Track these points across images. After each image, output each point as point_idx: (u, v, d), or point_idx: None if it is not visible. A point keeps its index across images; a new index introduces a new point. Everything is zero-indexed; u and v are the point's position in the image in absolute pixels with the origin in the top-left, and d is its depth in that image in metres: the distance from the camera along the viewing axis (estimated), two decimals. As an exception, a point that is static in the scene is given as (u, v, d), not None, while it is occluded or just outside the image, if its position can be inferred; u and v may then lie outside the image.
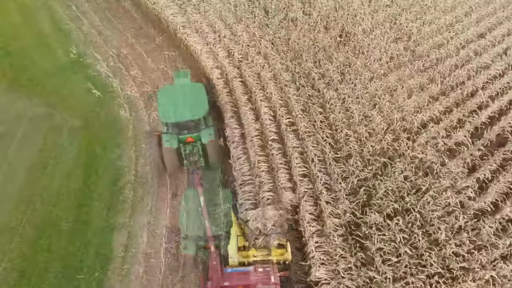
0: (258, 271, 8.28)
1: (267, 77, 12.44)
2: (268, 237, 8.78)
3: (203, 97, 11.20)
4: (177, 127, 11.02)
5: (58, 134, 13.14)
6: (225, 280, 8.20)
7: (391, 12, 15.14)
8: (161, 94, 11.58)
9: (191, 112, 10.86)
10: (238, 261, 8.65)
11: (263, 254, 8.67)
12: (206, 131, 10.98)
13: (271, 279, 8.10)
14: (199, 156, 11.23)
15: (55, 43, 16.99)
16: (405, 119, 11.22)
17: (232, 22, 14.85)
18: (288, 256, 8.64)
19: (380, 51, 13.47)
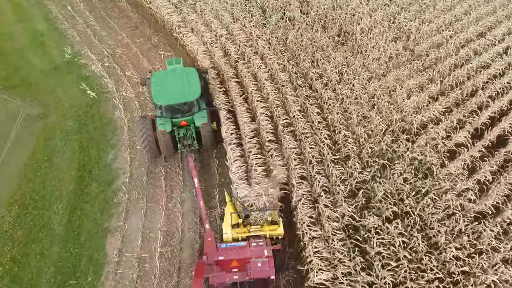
0: (252, 245, 8.48)
1: (264, 78, 12.25)
2: (261, 213, 8.96)
3: (196, 81, 11.25)
4: (171, 111, 11.08)
5: (51, 136, 12.93)
6: (220, 255, 8.41)
7: (389, 11, 14.96)
8: (154, 78, 11.55)
9: (185, 95, 10.93)
10: (232, 237, 8.83)
11: (256, 230, 8.83)
12: (199, 114, 11.10)
13: (265, 252, 8.31)
14: (193, 139, 11.39)
15: (50, 42, 16.76)
16: (404, 120, 11.05)
17: (229, 21, 14.64)
18: (280, 231, 8.81)
19: (378, 50, 13.29)
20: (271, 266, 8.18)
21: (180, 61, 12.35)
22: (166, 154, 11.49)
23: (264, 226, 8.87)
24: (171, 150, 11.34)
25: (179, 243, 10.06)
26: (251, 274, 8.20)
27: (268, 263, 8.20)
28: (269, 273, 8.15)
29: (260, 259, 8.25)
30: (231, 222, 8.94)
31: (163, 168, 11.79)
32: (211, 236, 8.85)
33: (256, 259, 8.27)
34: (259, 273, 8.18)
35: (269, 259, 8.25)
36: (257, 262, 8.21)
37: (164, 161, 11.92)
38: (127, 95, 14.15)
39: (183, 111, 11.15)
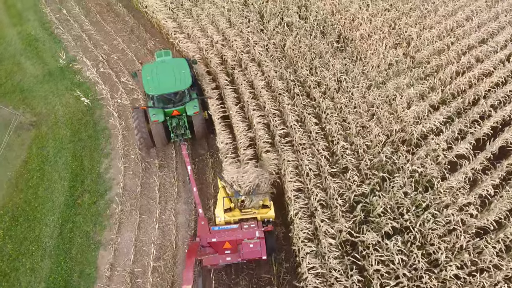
0: (244, 227, 8.79)
1: (261, 85, 12.03)
2: (252, 197, 9.18)
3: (186, 71, 11.44)
4: (162, 101, 11.27)
5: (44, 144, 12.74)
6: (213, 237, 8.69)
7: (390, 17, 14.73)
8: (145, 70, 11.64)
9: (176, 85, 11.10)
10: (225, 220, 9.12)
11: (248, 213, 9.11)
12: (190, 104, 11.33)
13: (256, 234, 8.62)
14: (185, 129, 11.66)
15: (44, 47, 16.58)
16: (404, 130, 10.84)
17: (225, 27, 14.43)
18: (271, 214, 9.12)
19: (378, 57, 13.08)
20: (262, 246, 8.47)
21: (169, 53, 12.47)
22: (160, 144, 11.65)
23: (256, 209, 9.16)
24: (165, 140, 11.52)
25: (173, 257, 9.87)
26: (243, 255, 8.50)
27: (260, 244, 8.49)
28: (261, 253, 8.46)
29: (252, 240, 8.53)
30: (224, 207, 9.21)
31: (157, 178, 11.60)
32: (204, 220, 9.11)
33: (248, 240, 8.54)
34: (251, 253, 8.49)
35: (261, 240, 8.53)
36: (249, 243, 8.50)
37: (159, 171, 11.74)
38: (122, 102, 13.96)
39: (175, 101, 11.35)
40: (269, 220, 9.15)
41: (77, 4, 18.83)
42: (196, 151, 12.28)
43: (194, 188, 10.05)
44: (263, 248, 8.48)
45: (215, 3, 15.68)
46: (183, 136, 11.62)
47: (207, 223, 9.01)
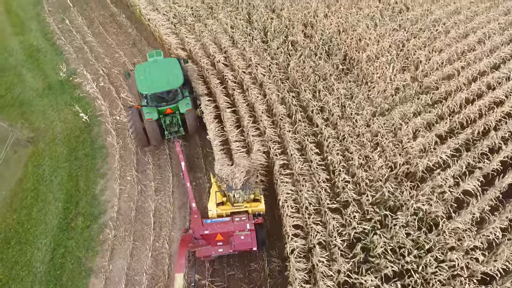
0: (235, 220, 9.28)
1: (261, 110, 11.82)
2: (244, 192, 9.54)
3: (178, 70, 11.88)
4: (156, 100, 11.68)
5: (40, 163, 12.68)
6: (205, 229, 9.15)
7: (398, 38, 14.45)
8: (138, 70, 12.02)
9: (168, 83, 11.51)
10: (217, 213, 9.63)
11: (240, 207, 9.59)
12: (183, 101, 11.80)
13: (247, 226, 9.11)
14: (179, 126, 12.21)
15: (45, 59, 16.61)
16: (409, 163, 10.53)
17: (228, 45, 14.26)
18: (262, 208, 9.64)
19: (385, 81, 12.80)
20: (253, 238, 8.97)
21: (160, 53, 12.91)
22: (154, 142, 12.12)
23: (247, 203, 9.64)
24: (159, 138, 12.02)
25: (165, 289, 9.70)
26: (234, 246, 8.98)
27: (251, 236, 8.98)
28: (251, 244, 8.95)
29: (243, 233, 9.02)
30: (216, 201, 9.73)
31: (152, 203, 11.45)
32: (197, 213, 9.62)
33: (239, 232, 9.02)
34: (242, 245, 8.98)
35: (252, 232, 9.03)
36: (240, 235, 8.98)
37: (155, 195, 11.59)
38: (121, 119, 13.86)
39: (168, 99, 11.77)
40: (260, 213, 9.64)
41: (80, 14, 18.88)
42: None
43: (187, 183, 10.61)
44: (254, 240, 8.99)
45: (218, 19, 15.54)
46: (177, 133, 12.17)
47: (200, 216, 9.48)
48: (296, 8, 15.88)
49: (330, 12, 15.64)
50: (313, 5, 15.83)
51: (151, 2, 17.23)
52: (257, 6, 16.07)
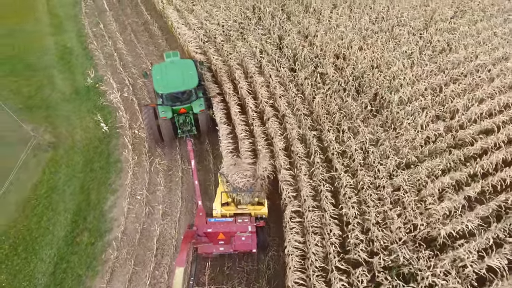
0: (238, 221, 9.78)
1: (280, 147, 11.62)
2: (248, 194, 10.06)
3: (193, 72, 12.58)
4: (171, 99, 12.43)
5: (56, 170, 13.13)
6: (208, 227, 9.71)
7: (436, 81, 13.77)
8: (155, 69, 12.82)
9: (184, 84, 12.22)
10: (221, 213, 10.17)
11: (243, 209, 10.10)
12: (197, 102, 12.54)
13: (248, 228, 9.63)
14: (191, 125, 12.92)
15: (76, 62, 17.28)
16: (430, 225, 9.95)
17: (254, 71, 14.17)
18: (265, 211, 10.11)
19: (415, 129, 12.22)
20: (253, 240, 9.51)
21: (177, 54, 13.79)
22: (168, 139, 12.90)
23: (250, 206, 10.15)
24: (172, 136, 12.81)
25: (158, 324, 9.71)
26: (235, 246, 9.54)
27: (251, 237, 9.52)
28: (251, 246, 9.48)
29: (244, 234, 9.54)
30: (221, 201, 10.27)
31: (158, 227, 11.52)
32: (202, 211, 10.18)
33: (240, 233, 9.56)
34: (242, 246, 9.52)
35: (252, 234, 9.56)
36: (241, 236, 9.52)
37: (162, 219, 11.67)
38: (139, 134, 14.11)
39: (182, 99, 12.52)
40: (262, 216, 10.13)
41: (115, 19, 19.51)
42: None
43: (196, 181, 11.09)
44: (254, 241, 9.53)
45: (248, 41, 15.49)
46: (189, 132, 12.87)
47: (205, 214, 10.04)
48: (331, 37, 15.55)
49: (365, 45, 15.18)
50: (349, 35, 15.43)
51: (183, 16, 17.50)
52: (290, 31, 15.89)
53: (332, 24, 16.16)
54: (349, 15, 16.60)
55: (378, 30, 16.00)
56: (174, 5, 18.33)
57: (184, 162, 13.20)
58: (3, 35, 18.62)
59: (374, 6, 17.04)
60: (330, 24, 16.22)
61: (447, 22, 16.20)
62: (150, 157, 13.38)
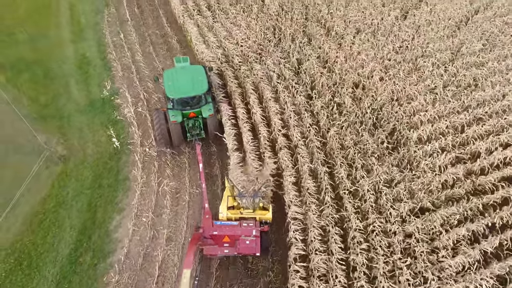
0: (243, 225, 10.46)
1: (289, 181, 11.57)
2: (254, 199, 10.72)
3: (203, 77, 13.34)
4: (181, 104, 13.20)
5: (66, 184, 13.45)
6: (214, 230, 10.46)
7: (458, 120, 13.43)
8: (166, 75, 13.59)
9: (194, 90, 12.98)
10: (227, 217, 10.80)
11: (248, 213, 10.72)
12: (206, 107, 13.26)
13: (253, 232, 10.30)
14: (200, 129, 13.64)
15: (94, 72, 17.68)
16: (442, 280, 9.69)
17: (269, 97, 14.18)
18: (269, 216, 10.77)
19: (432, 171, 11.94)
20: (257, 244, 10.15)
21: (187, 59, 14.58)
22: (177, 142, 13.57)
23: (256, 211, 10.76)
24: (181, 139, 13.52)
25: None
26: (239, 249, 10.15)
27: (255, 241, 10.15)
28: (255, 250, 10.10)
29: (249, 238, 10.18)
30: (228, 204, 10.89)
31: (161, 253, 11.64)
32: (209, 214, 10.85)
33: (245, 237, 10.21)
34: (246, 249, 10.13)
35: (256, 238, 10.20)
36: (246, 240, 10.15)
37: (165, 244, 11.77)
38: (149, 152, 14.32)
39: (192, 104, 13.27)
40: (266, 221, 10.79)
41: (135, 29, 19.90)
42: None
43: (203, 184, 11.75)
44: (258, 245, 10.14)
45: (267, 64, 15.53)
46: (198, 136, 13.57)
47: (211, 217, 10.73)
48: (351, 64, 15.42)
49: (387, 76, 14.98)
50: (370, 64, 15.25)
51: (202, 32, 17.71)
52: (309, 55, 15.85)
53: (354, 50, 16.02)
54: (372, 42, 16.41)
55: (401, 59, 15.76)
56: (195, 20, 18.55)
57: (192, 186, 13.32)
58: (26, 41, 19.27)
59: (400, 33, 16.80)
60: (352, 50, 16.07)
61: (474, 55, 15.81)
62: (159, 177, 13.56)
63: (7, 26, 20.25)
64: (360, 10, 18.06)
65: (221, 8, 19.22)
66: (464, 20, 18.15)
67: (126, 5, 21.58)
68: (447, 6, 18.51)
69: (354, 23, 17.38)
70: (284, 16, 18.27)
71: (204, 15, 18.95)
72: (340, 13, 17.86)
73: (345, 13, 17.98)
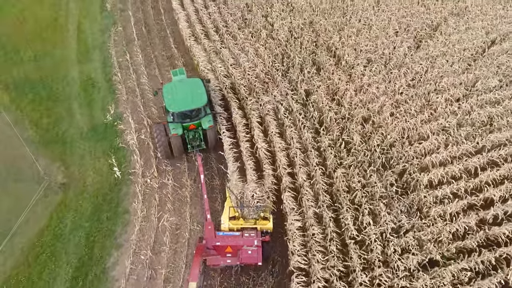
0: (244, 235, 10.94)
1: (295, 226, 11.42)
2: (255, 209, 11.26)
3: (202, 90, 14.03)
4: (181, 117, 13.83)
5: (64, 215, 13.48)
6: (217, 240, 10.92)
7: (471, 163, 13.18)
8: (166, 89, 14.26)
9: (194, 103, 13.63)
10: (229, 227, 11.38)
11: (250, 223, 11.28)
12: (205, 118, 13.94)
13: (255, 242, 10.77)
14: (200, 140, 14.33)
15: (98, 96, 17.80)
16: None
17: (274, 132, 14.10)
18: (270, 226, 11.38)
19: (443, 220, 11.70)
20: (259, 254, 10.64)
21: (183, 71, 15.42)
22: (178, 154, 14.26)
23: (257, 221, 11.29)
24: (182, 151, 14.21)
25: None
26: (242, 259, 10.62)
27: (257, 251, 10.64)
28: (257, 259, 10.59)
29: (251, 248, 10.64)
30: (229, 215, 11.45)
31: (158, 296, 11.55)
32: (211, 224, 11.28)
33: (247, 247, 10.65)
34: (248, 259, 10.63)
35: (258, 248, 10.69)
36: (248, 250, 10.63)
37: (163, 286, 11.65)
38: (151, 184, 14.30)
39: (191, 116, 13.93)
40: (267, 231, 11.33)
41: (142, 50, 20.06)
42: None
43: (205, 195, 12.22)
44: (260, 255, 10.64)
45: (273, 95, 15.48)
46: (199, 147, 14.26)
47: (213, 228, 11.18)
48: (360, 98, 15.30)
49: (397, 112, 14.82)
50: (381, 99, 15.12)
51: (209, 57, 17.77)
52: (318, 87, 15.77)
53: (364, 82, 15.90)
54: (384, 74, 16.28)
55: (413, 94, 15.60)
56: (202, 45, 18.63)
57: (192, 222, 13.23)
58: (31, 59, 19.54)
59: (413, 65, 16.65)
60: (362, 81, 15.96)
61: (490, 92, 15.59)
62: (159, 211, 13.52)
63: (14, 43, 20.61)
64: (371, 39, 17.97)
65: (229, 32, 19.30)
66: (479, 51, 17.96)
67: (134, 24, 21.78)
68: (462, 37, 18.33)
69: (366, 52, 17.29)
70: (293, 42, 18.27)
71: (211, 39, 19.03)
72: (351, 41, 17.79)
73: (356, 41, 17.92)
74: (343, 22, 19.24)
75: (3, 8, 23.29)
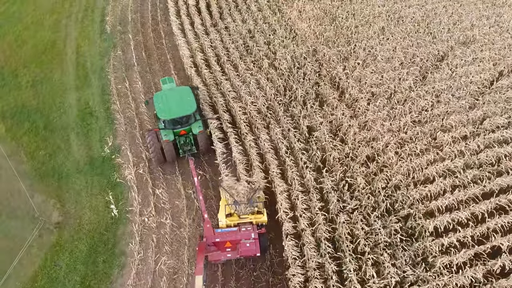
0: (242, 230, 12.02)
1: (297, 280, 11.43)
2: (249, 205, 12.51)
3: (191, 97, 15.26)
4: (172, 123, 15.00)
5: (59, 257, 13.55)
6: (216, 237, 11.96)
7: (479, 208, 13.19)
8: (156, 98, 15.43)
9: (183, 110, 14.80)
10: (226, 224, 12.43)
11: (245, 218, 12.37)
12: (195, 124, 15.20)
13: (252, 235, 11.85)
14: (191, 145, 15.55)
15: (96, 126, 17.95)
16: None
17: (275, 173, 14.19)
18: (264, 219, 12.52)
19: (449, 272, 11.69)
20: (257, 245, 11.72)
21: (172, 79, 16.83)
22: (170, 159, 15.40)
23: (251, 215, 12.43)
24: (174, 156, 15.34)
25: None
26: (241, 252, 11.67)
27: (255, 243, 11.73)
28: (256, 251, 11.67)
29: (248, 241, 11.70)
30: (225, 212, 12.57)
31: None
32: (209, 223, 12.30)
33: (245, 240, 11.71)
34: (247, 251, 11.67)
35: (256, 240, 11.78)
36: (246, 243, 11.67)
37: None
38: (148, 223, 14.37)
39: (182, 122, 15.12)
40: (262, 224, 12.46)
41: (141, 77, 20.24)
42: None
43: (200, 196, 13.12)
44: (258, 247, 11.69)
45: (275, 132, 15.58)
46: (190, 151, 15.43)
47: (211, 226, 12.19)
48: (364, 135, 15.38)
49: (402, 151, 14.88)
50: (386, 137, 15.19)
51: (209, 90, 17.92)
52: (321, 124, 15.86)
53: (368, 118, 15.99)
54: (389, 110, 16.38)
55: (419, 131, 15.67)
56: (202, 76, 18.82)
57: (190, 266, 13.25)
58: (28, 85, 19.75)
59: (419, 100, 16.74)
60: (366, 117, 16.05)
61: (498, 131, 15.65)
62: (157, 254, 13.57)
63: (12, 67, 20.86)
64: (377, 72, 18.08)
65: (230, 61, 19.48)
66: (487, 84, 18.06)
67: (134, 47, 22.01)
68: (469, 69, 18.44)
69: (370, 86, 17.40)
70: (296, 72, 18.42)
71: (212, 69, 19.18)
72: (356, 73, 17.91)
73: (361, 73, 18.04)
74: (348, 51, 19.39)
75: (3, 27, 23.65)
